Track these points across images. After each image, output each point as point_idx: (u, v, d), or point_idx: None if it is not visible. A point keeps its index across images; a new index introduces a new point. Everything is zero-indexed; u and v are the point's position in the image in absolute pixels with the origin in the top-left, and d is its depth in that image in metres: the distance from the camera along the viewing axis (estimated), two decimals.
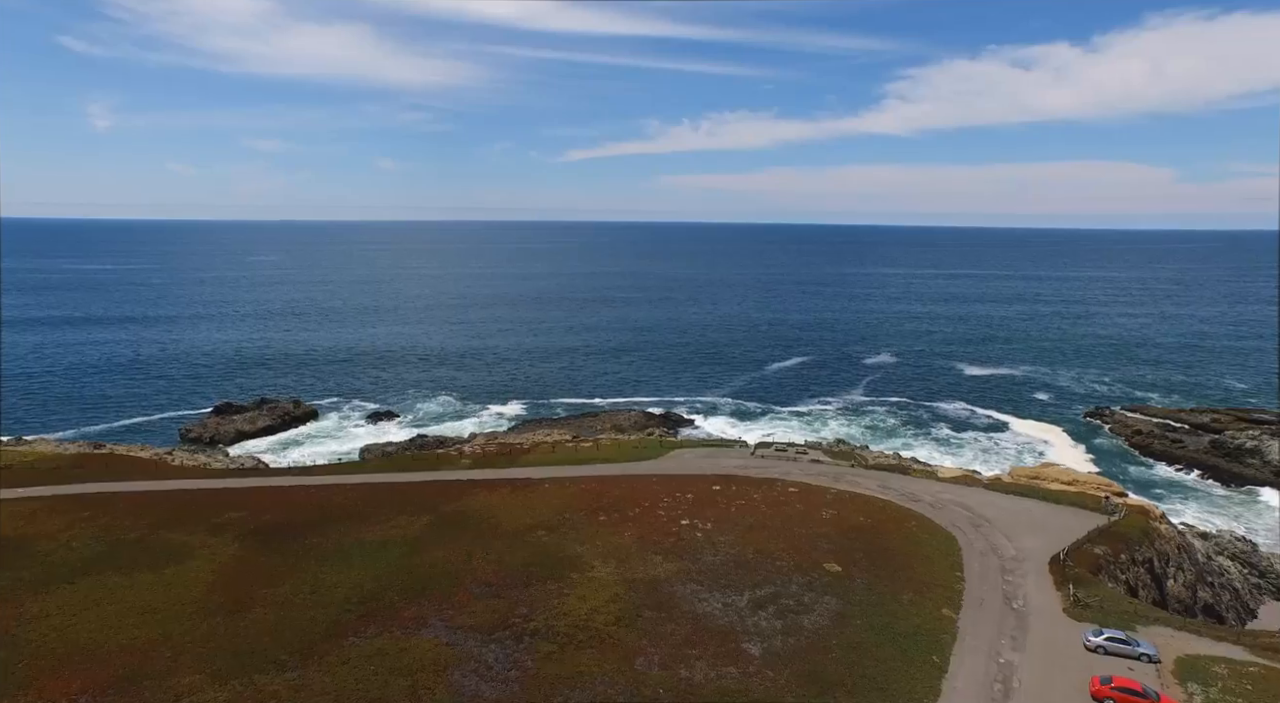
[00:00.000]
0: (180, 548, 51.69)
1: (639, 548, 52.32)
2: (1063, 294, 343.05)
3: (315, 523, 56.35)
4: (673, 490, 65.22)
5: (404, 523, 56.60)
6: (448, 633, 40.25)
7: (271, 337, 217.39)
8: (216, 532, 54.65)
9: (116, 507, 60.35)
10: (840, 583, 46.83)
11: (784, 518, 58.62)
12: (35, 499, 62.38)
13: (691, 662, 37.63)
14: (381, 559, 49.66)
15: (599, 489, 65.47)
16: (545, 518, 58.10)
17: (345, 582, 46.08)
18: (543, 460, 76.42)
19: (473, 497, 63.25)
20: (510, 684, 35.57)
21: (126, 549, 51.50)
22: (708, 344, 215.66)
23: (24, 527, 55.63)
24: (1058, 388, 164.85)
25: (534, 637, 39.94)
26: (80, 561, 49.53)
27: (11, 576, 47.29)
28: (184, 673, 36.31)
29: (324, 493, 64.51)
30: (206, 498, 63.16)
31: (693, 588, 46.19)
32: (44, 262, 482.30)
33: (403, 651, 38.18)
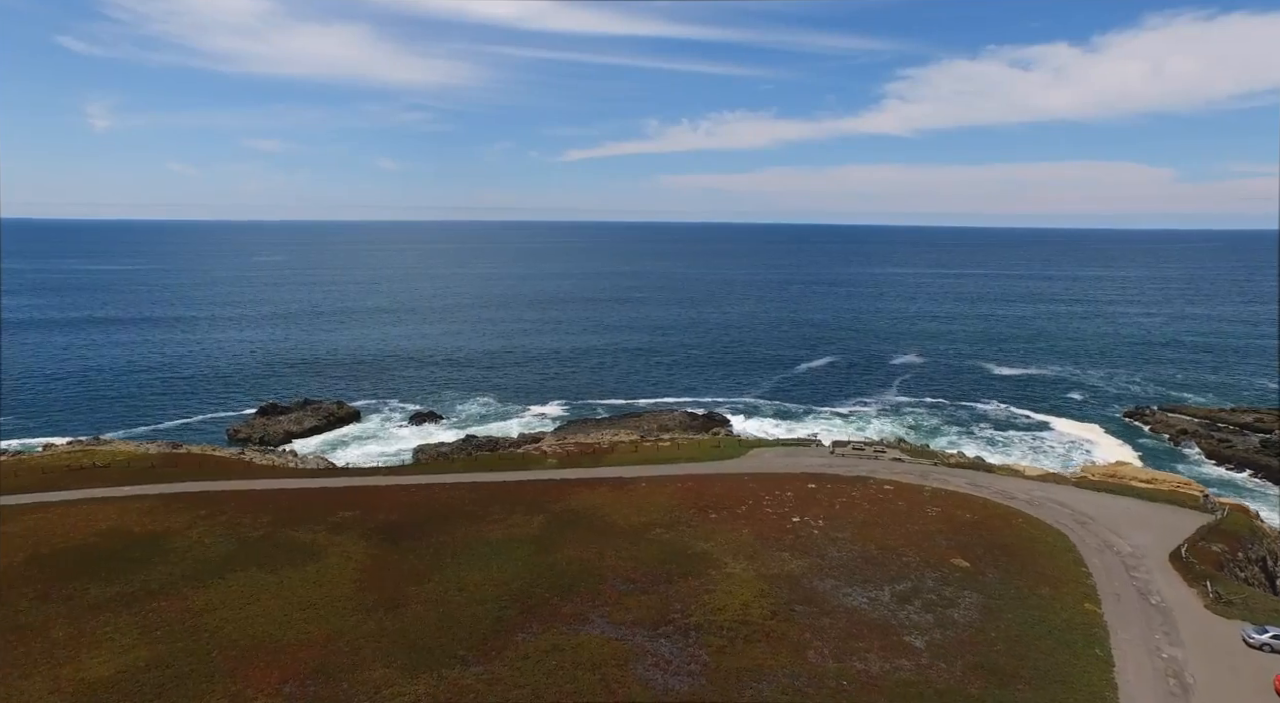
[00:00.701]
0: (309, 546, 52.36)
1: (761, 545, 53.17)
2: (1076, 294, 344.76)
3: (432, 522, 57.06)
4: (770, 489, 66.09)
5: (520, 522, 57.33)
6: (613, 629, 41.05)
7: (298, 337, 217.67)
8: (338, 530, 55.32)
9: (228, 505, 60.95)
10: (973, 578, 47.74)
11: (891, 515, 59.53)
12: (146, 497, 63.00)
13: (861, 654, 38.52)
14: (515, 557, 50.41)
15: (697, 488, 66.29)
16: (657, 516, 58.90)
17: (490, 580, 46.82)
18: (626, 460, 77.20)
19: (575, 496, 64.00)
20: (695, 678, 36.39)
21: (257, 547, 52.17)
22: (733, 344, 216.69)
23: (150, 524, 56.28)
24: (1090, 387, 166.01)
25: (699, 631, 40.78)
26: (219, 557, 50.20)
27: (164, 570, 48.01)
28: (372, 667, 37.05)
29: (426, 492, 65.20)
30: (312, 497, 63.77)
31: (831, 583, 47.06)
32: (51, 263, 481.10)
33: (577, 646, 38.96)
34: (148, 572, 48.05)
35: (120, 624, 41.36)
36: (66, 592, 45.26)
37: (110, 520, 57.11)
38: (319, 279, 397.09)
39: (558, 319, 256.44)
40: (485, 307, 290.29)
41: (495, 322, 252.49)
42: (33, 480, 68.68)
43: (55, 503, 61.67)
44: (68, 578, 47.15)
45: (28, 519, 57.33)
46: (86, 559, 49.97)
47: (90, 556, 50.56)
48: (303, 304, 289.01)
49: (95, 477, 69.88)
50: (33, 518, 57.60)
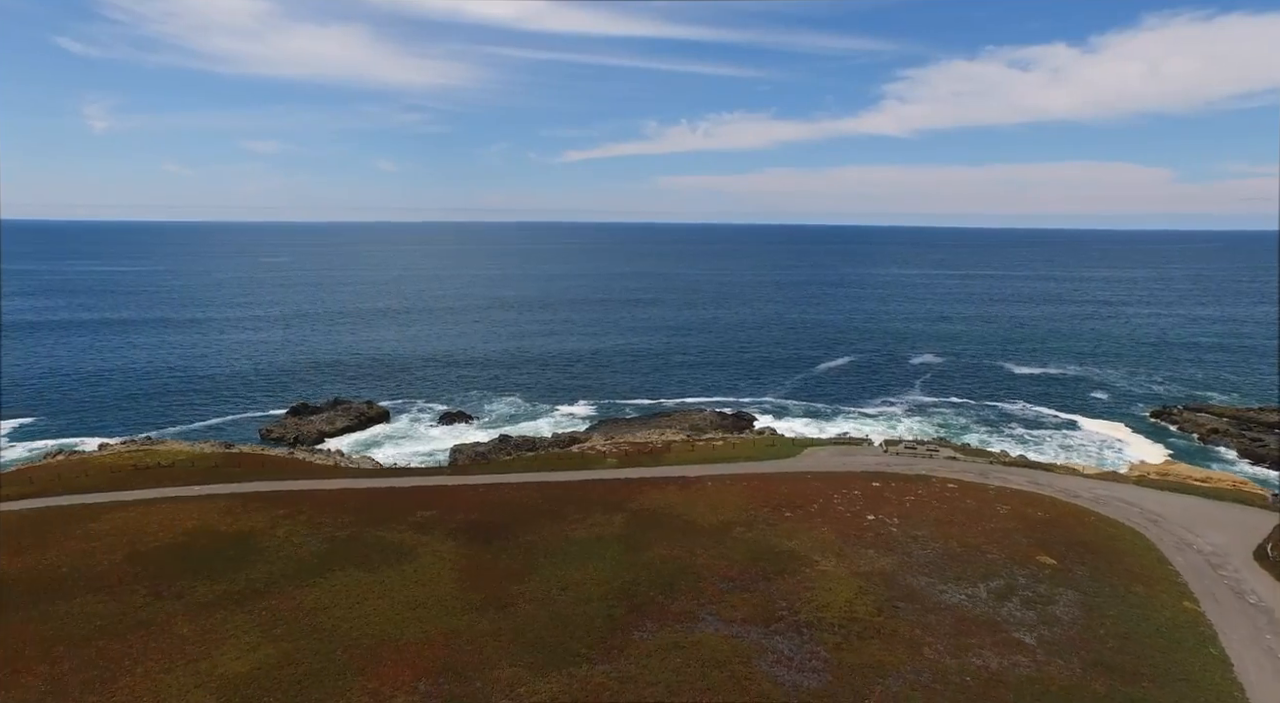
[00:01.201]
0: (399, 546, 52.95)
1: (845, 543, 53.93)
2: (1085, 294, 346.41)
3: (514, 522, 57.70)
4: (836, 488, 66.88)
5: (601, 521, 58.00)
6: (725, 626, 41.76)
7: (316, 338, 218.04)
8: (423, 530, 55.92)
9: (304, 505, 61.52)
10: (1063, 575, 48.54)
11: (963, 513, 60.33)
12: (219, 497, 63.54)
13: (976, 651, 39.26)
14: (607, 557, 51.09)
15: (763, 487, 67.05)
16: (734, 515, 59.64)
17: (589, 579, 47.49)
18: (685, 459, 77.95)
19: (646, 495, 64.69)
20: (820, 674, 37.11)
21: (347, 546, 52.76)
22: (749, 344, 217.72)
23: (234, 523, 56.84)
24: (1112, 387, 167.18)
25: (811, 629, 41.50)
26: (313, 557, 50.78)
27: (263, 569, 48.61)
28: (499, 665, 37.68)
29: (497, 492, 65.84)
30: (385, 497, 64.35)
31: (925, 580, 47.82)
32: (58, 264, 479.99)
33: (696, 644, 39.65)
34: (248, 571, 48.62)
35: (239, 622, 41.94)
36: (176, 590, 45.82)
37: (194, 520, 57.64)
38: (327, 280, 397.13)
39: (572, 320, 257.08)
40: (498, 308, 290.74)
41: (510, 322, 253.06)
42: (103, 480, 69.22)
43: (132, 502, 62.20)
44: (172, 576, 47.71)
45: (114, 518, 57.86)
46: (185, 558, 50.53)
47: (187, 554, 51.12)
48: (315, 305, 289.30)
49: (163, 476, 70.38)
50: (118, 517, 58.13)
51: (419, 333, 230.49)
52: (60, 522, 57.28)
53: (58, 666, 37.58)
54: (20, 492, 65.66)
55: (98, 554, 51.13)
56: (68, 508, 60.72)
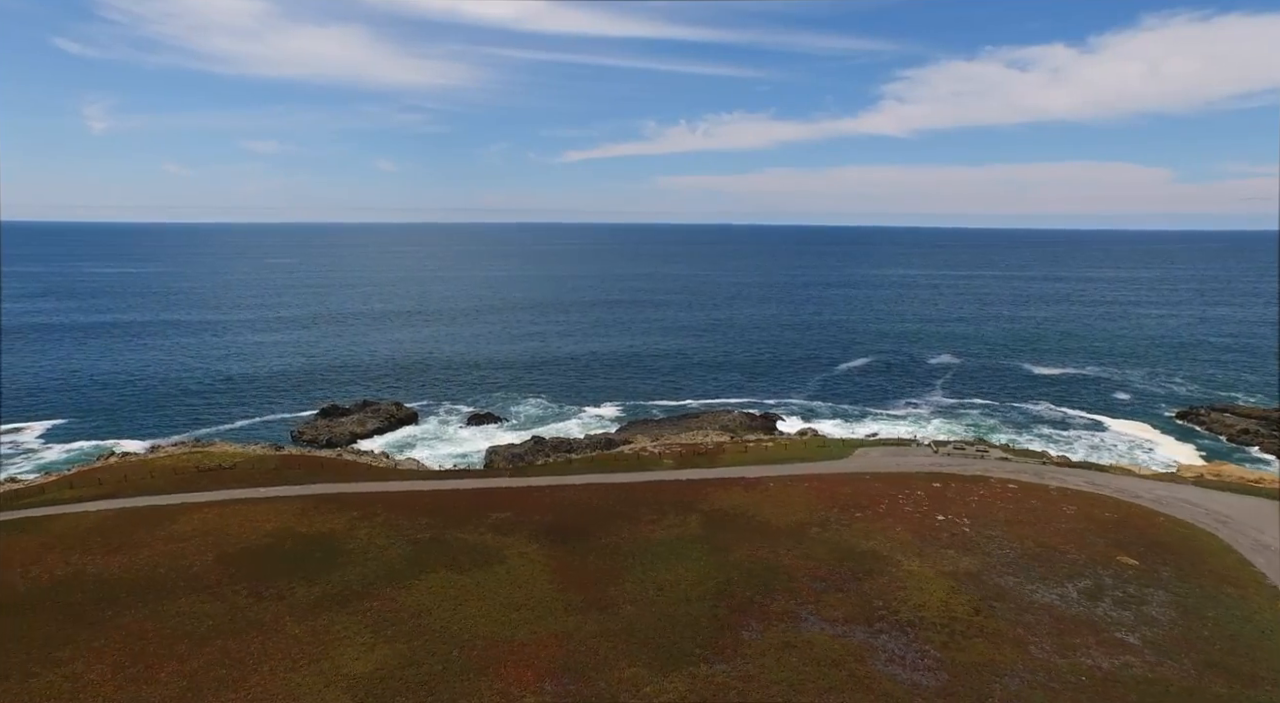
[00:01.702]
0: (483, 548, 53.42)
1: (922, 543, 54.51)
2: (1094, 295, 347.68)
3: (590, 523, 58.22)
4: (898, 488, 67.49)
5: (676, 523, 58.54)
6: (829, 626, 42.31)
7: (333, 340, 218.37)
8: (503, 532, 56.40)
9: (375, 507, 61.95)
10: (1149, 576, 49.16)
11: (1030, 513, 60.95)
12: (289, 499, 63.96)
13: (1084, 651, 39.84)
14: (692, 557, 51.65)
15: (825, 487, 67.63)
16: (806, 516, 60.21)
17: (683, 580, 48.04)
18: (740, 460, 78.51)
19: (712, 496, 65.25)
20: (936, 673, 37.67)
21: (431, 548, 53.22)
22: (764, 345, 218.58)
23: (312, 525, 57.30)
24: (1132, 388, 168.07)
25: (914, 628, 42.07)
26: (401, 559, 51.25)
27: (355, 571, 49.08)
28: (618, 666, 38.19)
29: (564, 494, 66.29)
30: (454, 499, 64.79)
31: (1012, 580, 48.42)
32: (65, 265, 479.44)
33: (808, 643, 40.20)
34: (341, 572, 49.07)
35: (346, 624, 42.39)
36: (275, 591, 46.26)
37: (272, 522, 58.07)
38: (335, 281, 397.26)
39: (586, 321, 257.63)
40: (511, 309, 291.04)
41: (524, 323, 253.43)
42: (170, 482, 69.61)
43: (204, 504, 62.59)
44: (268, 577, 48.15)
45: (193, 519, 58.27)
46: (274, 560, 50.97)
47: (276, 556, 51.57)
48: (328, 306, 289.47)
49: (227, 478, 70.76)
50: (196, 518, 58.54)
51: (435, 334, 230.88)
52: (141, 522, 57.67)
53: (186, 663, 38.03)
54: (93, 493, 66.06)
55: (188, 555, 51.55)
56: (144, 509, 61.11)
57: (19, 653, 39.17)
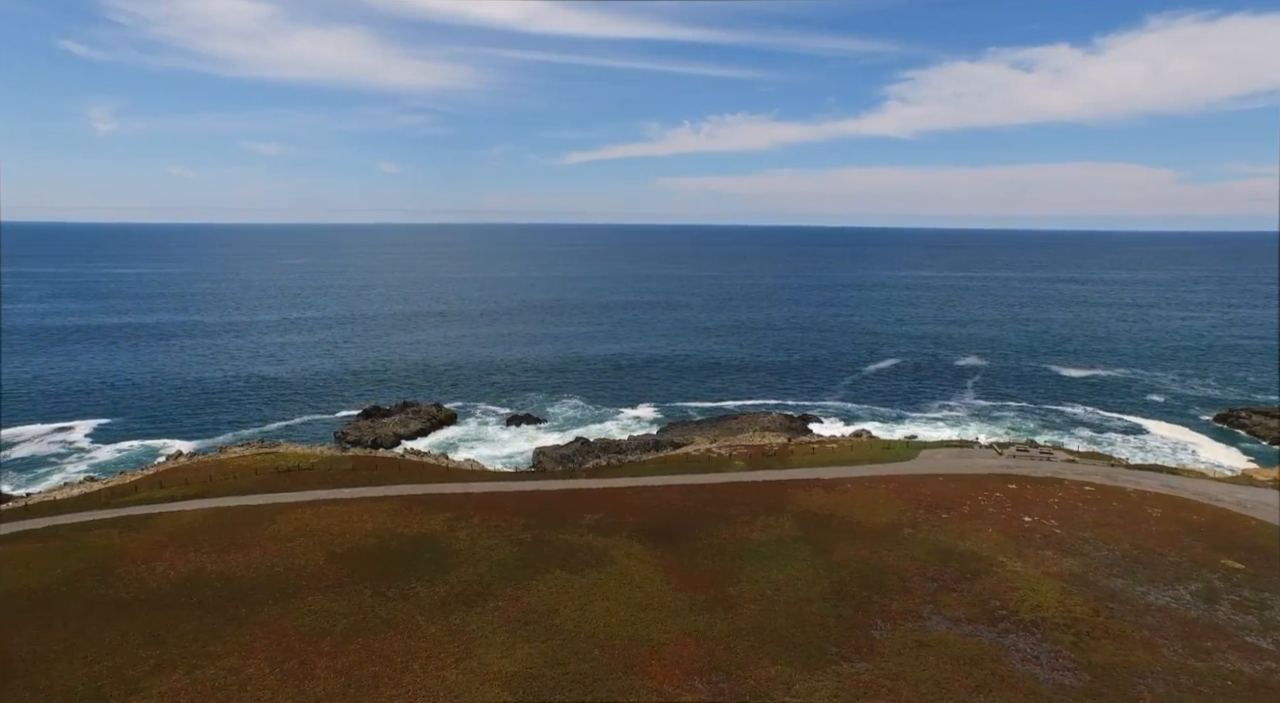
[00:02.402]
0: (588, 548, 54.07)
1: (1017, 544, 55.14)
2: (1110, 296, 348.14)
3: (684, 525, 58.89)
4: (974, 490, 68.11)
5: (770, 523, 59.19)
6: (954, 625, 42.97)
7: (358, 342, 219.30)
8: (603, 533, 57.08)
9: (466, 508, 62.64)
10: (1259, 580, 49.71)
11: (1118, 516, 61.54)
12: (378, 499, 64.65)
13: (1219, 654, 40.42)
14: (798, 557, 52.33)
15: (903, 489, 68.28)
16: (894, 517, 60.87)
17: (796, 580, 48.72)
18: (809, 462, 79.16)
19: (796, 497, 65.92)
20: (1077, 673, 38.31)
21: (535, 549, 53.86)
22: (788, 346, 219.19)
23: (411, 526, 58.02)
24: (1165, 390, 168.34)
25: (1038, 628, 42.73)
26: (512, 559, 51.91)
27: (468, 571, 49.79)
28: (761, 664, 38.88)
29: (648, 495, 66.92)
30: (540, 500, 65.44)
31: (1119, 582, 49.02)
32: (76, 266, 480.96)
33: (940, 643, 40.87)
34: (456, 573, 49.74)
35: (480, 623, 43.07)
36: (398, 590, 46.96)
37: (368, 522, 58.76)
38: (353, 282, 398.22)
39: (608, 323, 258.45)
40: (532, 311, 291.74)
41: (546, 325, 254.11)
42: (253, 482, 70.32)
43: (296, 504, 63.28)
44: (386, 577, 48.86)
45: (289, 519, 58.98)
46: (385, 559, 51.66)
47: (386, 556, 52.25)
48: (349, 307, 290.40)
49: (309, 479, 71.44)
50: (293, 518, 59.25)
51: (459, 335, 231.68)
52: (241, 522, 58.41)
53: (337, 660, 38.74)
54: (184, 492, 66.81)
55: (299, 554, 52.26)
56: (239, 508, 61.84)
57: (174, 646, 39.91)
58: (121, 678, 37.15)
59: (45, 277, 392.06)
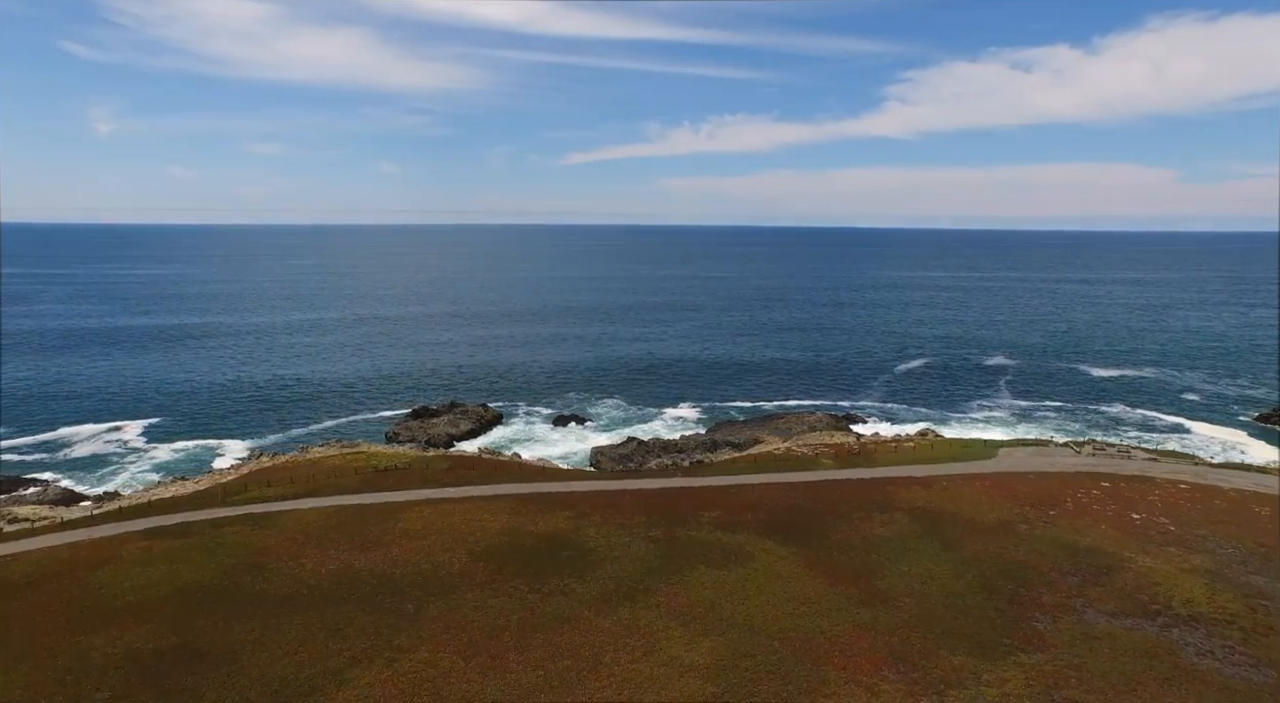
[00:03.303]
0: (721, 545, 54.84)
1: (1137, 541, 56.14)
2: (1126, 297, 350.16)
3: (805, 522, 59.74)
4: (1071, 488, 69.13)
5: (884, 520, 60.12)
6: (1112, 619, 44.01)
7: (385, 343, 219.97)
8: (728, 530, 57.88)
9: (582, 507, 63.23)
10: None
11: (1224, 514, 62.62)
12: (490, 498, 65.29)
13: None
14: (928, 553, 53.31)
15: (1001, 486, 69.27)
16: (1004, 513, 61.86)
17: (939, 574, 49.71)
18: (893, 460, 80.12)
19: (900, 494, 66.85)
20: (1260, 669, 39.22)
21: (672, 547, 54.53)
22: (816, 347, 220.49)
23: (535, 525, 58.69)
24: (1199, 390, 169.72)
25: (1198, 622, 43.76)
26: (653, 556, 52.69)
27: (613, 568, 50.53)
28: (940, 654, 39.80)
29: (751, 493, 67.67)
30: (655, 498, 65.79)
31: (1259, 579, 50.06)
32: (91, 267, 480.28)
33: (1109, 635, 41.97)
34: (604, 569, 50.48)
35: (650, 618, 43.84)
36: (554, 587, 47.70)
37: (492, 521, 59.43)
38: (367, 283, 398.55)
39: (633, 323, 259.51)
40: (553, 311, 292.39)
41: (570, 325, 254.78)
42: (354, 482, 70.89)
43: (410, 503, 63.81)
44: (535, 574, 49.57)
45: (412, 518, 59.62)
46: (526, 557, 52.37)
47: (525, 553, 52.96)
48: (369, 308, 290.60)
49: (409, 478, 72.01)
50: (415, 517, 59.88)
51: (486, 336, 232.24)
52: (365, 520, 59.06)
53: (526, 654, 39.50)
54: (294, 491, 67.40)
55: (438, 552, 52.95)
56: (356, 507, 62.45)
57: (357, 639, 40.65)
58: (324, 669, 37.86)
59: (62, 277, 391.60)
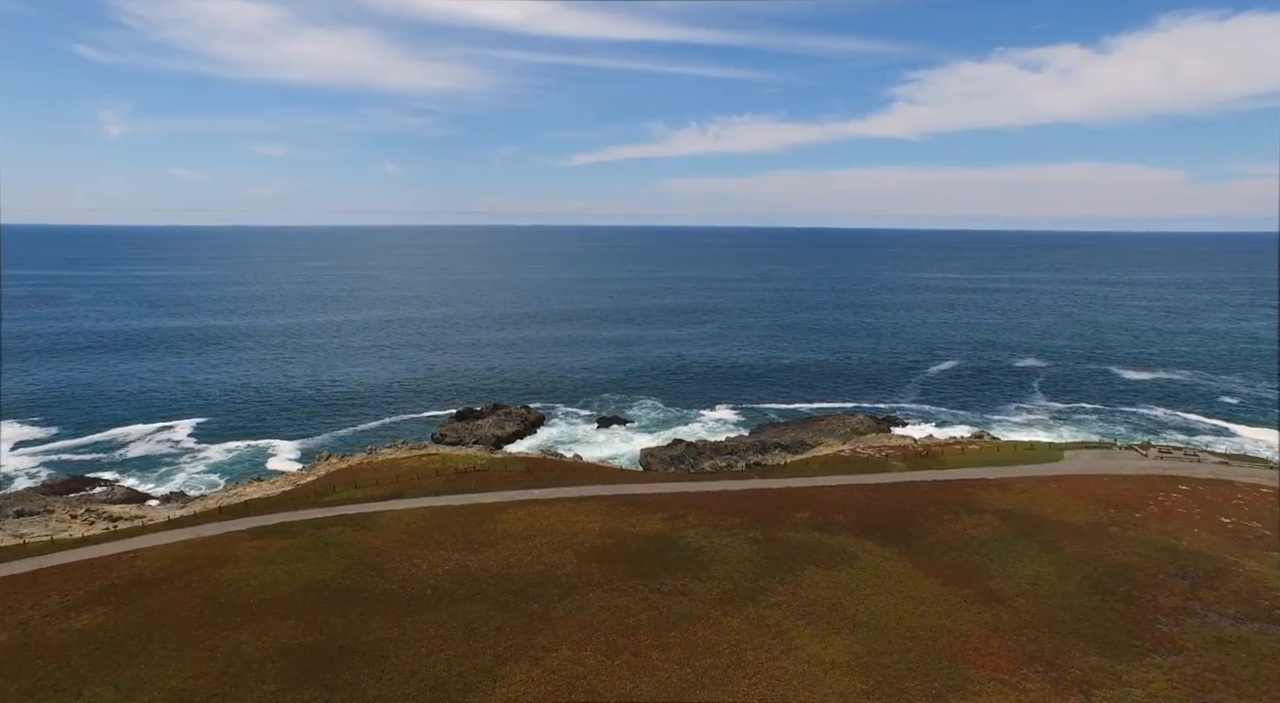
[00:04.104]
0: (822, 546, 55.57)
1: (1234, 544, 56.68)
2: (1147, 298, 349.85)
3: (899, 523, 60.40)
4: (1150, 491, 69.60)
5: (978, 521, 60.77)
6: (1239, 623, 44.59)
7: (414, 344, 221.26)
8: (825, 531, 58.59)
9: (675, 508, 63.87)
10: None
11: None
12: (579, 500, 66.01)
13: None
14: (1032, 555, 53.98)
15: (1077, 488, 69.82)
16: (1089, 516, 62.45)
17: (1045, 575, 50.43)
18: (962, 462, 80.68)
19: (981, 496, 67.47)
20: None
21: (774, 548, 55.20)
22: (843, 349, 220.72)
23: (634, 525, 59.47)
24: (1236, 392, 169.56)
25: None
26: (760, 556, 53.47)
27: (724, 569, 51.31)
28: (1073, 654, 40.43)
29: (834, 494, 68.36)
30: (742, 500, 66.44)
31: None
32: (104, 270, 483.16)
33: (1240, 639, 42.47)
34: (714, 570, 51.25)
35: (777, 616, 44.61)
36: (672, 587, 48.45)
37: (590, 522, 60.11)
38: (385, 285, 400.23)
39: (656, 325, 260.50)
40: (578, 314, 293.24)
41: (597, 327, 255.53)
42: (438, 483, 71.71)
43: (500, 505, 64.58)
44: (649, 575, 50.31)
45: (507, 519, 60.44)
46: (635, 558, 53.12)
47: (633, 554, 53.70)
48: (393, 311, 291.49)
49: (491, 481, 72.73)
50: (509, 518, 60.71)
51: (513, 338, 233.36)
52: (462, 522, 59.87)
53: (667, 652, 40.28)
54: (382, 492, 68.26)
55: (547, 553, 53.73)
56: (449, 509, 63.29)
57: (493, 638, 41.46)
58: (473, 667, 38.68)
59: (84, 280, 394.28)
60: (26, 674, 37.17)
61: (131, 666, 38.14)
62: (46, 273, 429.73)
